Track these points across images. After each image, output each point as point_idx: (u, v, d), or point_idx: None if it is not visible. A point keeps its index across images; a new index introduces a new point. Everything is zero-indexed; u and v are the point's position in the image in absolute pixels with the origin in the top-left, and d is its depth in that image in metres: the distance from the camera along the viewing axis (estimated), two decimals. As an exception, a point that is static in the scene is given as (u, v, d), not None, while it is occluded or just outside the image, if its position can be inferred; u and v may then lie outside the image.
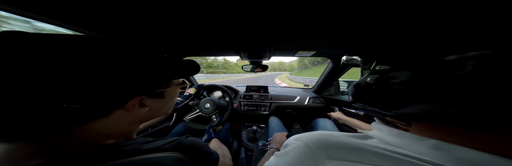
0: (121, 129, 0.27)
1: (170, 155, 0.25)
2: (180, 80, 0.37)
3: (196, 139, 0.32)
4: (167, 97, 0.31)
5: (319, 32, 0.57)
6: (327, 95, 1.37)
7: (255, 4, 0.37)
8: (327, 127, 1.00)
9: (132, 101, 0.24)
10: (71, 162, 0.19)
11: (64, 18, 0.45)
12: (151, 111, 0.29)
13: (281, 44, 0.75)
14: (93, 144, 0.23)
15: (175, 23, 0.50)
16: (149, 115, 0.30)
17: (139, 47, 0.25)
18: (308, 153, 0.22)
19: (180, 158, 0.26)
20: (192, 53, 1.05)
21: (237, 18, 0.45)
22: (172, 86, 0.32)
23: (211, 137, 0.70)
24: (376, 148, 0.19)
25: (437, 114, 0.17)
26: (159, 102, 0.30)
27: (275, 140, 0.72)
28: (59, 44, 0.19)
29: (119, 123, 0.25)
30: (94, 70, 0.19)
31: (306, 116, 1.37)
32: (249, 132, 1.14)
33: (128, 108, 0.24)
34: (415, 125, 0.21)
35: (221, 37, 0.66)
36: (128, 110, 0.25)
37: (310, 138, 0.24)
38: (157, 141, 0.27)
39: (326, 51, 0.89)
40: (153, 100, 0.28)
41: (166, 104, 0.33)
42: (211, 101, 0.96)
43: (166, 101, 0.32)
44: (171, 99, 0.34)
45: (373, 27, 0.48)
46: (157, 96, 0.29)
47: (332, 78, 1.28)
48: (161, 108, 0.32)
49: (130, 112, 0.25)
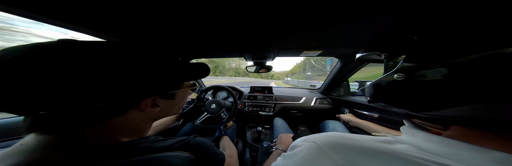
0: (134, 127, 0.29)
1: (180, 155, 0.26)
2: (191, 82, 0.39)
3: (203, 140, 0.33)
4: (177, 98, 0.34)
5: (326, 29, 0.53)
6: (335, 96, 1.31)
7: (257, 2, 0.34)
8: (337, 130, 0.95)
9: (145, 101, 0.26)
10: (96, 157, 0.21)
11: (75, 22, 0.45)
12: (162, 111, 0.31)
13: (285, 43, 0.73)
14: (112, 140, 0.25)
15: (180, 25, 0.50)
16: (160, 114, 0.33)
17: (154, 50, 0.27)
18: (320, 154, 0.20)
19: (189, 157, 0.27)
20: (197, 55, 1.05)
21: (239, 17, 0.43)
22: (183, 88, 0.34)
23: (222, 134, 0.72)
24: (407, 155, 0.16)
25: (492, 119, 0.14)
26: (170, 102, 0.32)
27: (281, 141, 0.69)
28: (91, 50, 0.21)
29: (133, 121, 0.27)
30: (116, 73, 0.22)
31: (312, 118, 1.33)
32: (254, 133, 1.13)
33: (141, 107, 0.26)
34: (456, 131, 0.18)
35: (225, 38, 0.65)
36: (141, 110, 0.26)
37: (321, 139, 0.22)
38: (167, 140, 0.28)
39: (334, 50, 0.84)
40: (164, 101, 0.30)
41: (176, 105, 0.35)
42: (216, 102, 0.97)
43: (177, 102, 0.34)
44: (181, 100, 0.36)
45: (388, 19, 0.43)
46: (169, 97, 0.31)
47: (340, 78, 1.22)
48: (172, 108, 0.34)
49: (142, 111, 0.27)
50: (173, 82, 0.31)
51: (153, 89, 0.27)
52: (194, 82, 0.40)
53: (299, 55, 0.97)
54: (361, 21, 0.43)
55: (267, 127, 1.29)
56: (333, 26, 0.48)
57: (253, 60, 1.06)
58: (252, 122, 1.37)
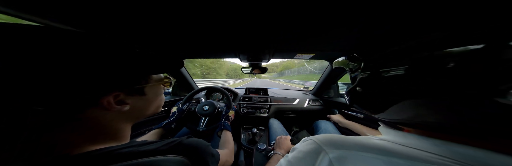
0: (106, 130, 0.25)
1: (171, 159, 0.23)
2: (161, 75, 0.35)
3: (198, 140, 0.31)
4: (149, 94, 0.30)
5: (318, 34, 0.57)
6: (326, 98, 1.37)
7: (254, 5, 0.37)
8: (329, 129, 1.00)
9: (106, 98, 0.22)
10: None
11: (65, 18, 0.45)
12: (136, 110, 0.28)
13: (280, 46, 0.76)
14: (78, 150, 0.21)
15: (175, 25, 0.51)
16: (136, 114, 0.29)
17: (105, 39, 0.23)
18: (314, 147, 0.24)
19: (183, 161, 0.24)
20: (192, 55, 1.05)
21: (236, 19, 0.45)
22: (153, 82, 0.31)
23: (222, 128, 0.72)
24: (382, 143, 0.21)
25: (423, 122, 0.20)
26: (142, 99, 0.29)
27: (280, 145, 0.70)
28: (15, 35, 0.17)
29: (101, 123, 0.24)
30: (46, 64, 0.17)
31: (305, 119, 1.36)
32: (249, 135, 1.13)
33: (104, 105, 0.22)
34: (414, 130, 0.23)
35: (220, 39, 0.67)
36: (105, 108, 0.23)
37: (319, 137, 0.26)
38: (155, 143, 0.25)
39: (325, 53, 0.90)
40: (134, 98, 0.27)
41: (152, 102, 0.32)
42: (207, 103, 0.97)
43: (150, 98, 0.31)
44: (155, 95, 0.32)
45: (369, 29, 0.49)
46: (137, 93, 0.28)
47: (331, 80, 1.29)
48: (147, 106, 0.31)
49: (108, 111, 0.23)
50: (134, 75, 0.27)
51: (108, 84, 0.22)
52: (167, 76, 0.36)
53: (293, 58, 1.02)
54: (349, 25, 0.48)
55: (262, 128, 1.30)
56: (327, 29, 0.52)
57: (248, 61, 1.08)
58: (247, 124, 1.38)
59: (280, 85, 17.78)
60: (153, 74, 0.31)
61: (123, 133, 0.28)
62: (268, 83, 24.17)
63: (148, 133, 0.68)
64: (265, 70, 1.24)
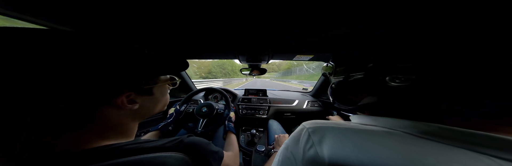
0: (117, 128, 0.27)
1: (173, 155, 0.24)
2: (168, 76, 0.37)
3: (199, 138, 0.32)
4: (157, 94, 0.32)
5: (318, 34, 0.58)
6: (325, 99, 1.38)
7: (254, 7, 0.38)
8: (274, 128, 1.04)
9: (120, 98, 0.24)
10: (68, 163, 0.19)
11: (62, 18, 0.45)
12: (143, 108, 0.30)
13: (279, 47, 0.77)
14: (91, 145, 0.22)
15: (175, 26, 0.51)
16: (143, 112, 0.31)
17: (117, 42, 0.25)
18: (300, 128, 0.29)
19: (184, 159, 0.25)
20: (192, 56, 1.05)
21: (236, 21, 0.46)
22: (160, 83, 0.33)
23: (227, 130, 0.72)
24: (351, 123, 0.29)
25: None
26: (150, 99, 0.31)
27: (280, 143, 0.70)
28: (28, 38, 0.18)
29: (113, 121, 0.26)
30: (69, 66, 0.19)
31: (304, 120, 1.36)
32: (248, 136, 1.12)
33: (118, 104, 0.24)
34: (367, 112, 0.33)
35: (220, 40, 0.67)
36: (119, 108, 0.25)
37: (307, 122, 0.31)
38: (158, 140, 0.27)
39: (323, 55, 0.91)
40: (143, 97, 0.29)
41: (159, 101, 0.34)
42: (206, 104, 0.96)
43: (157, 98, 0.33)
44: (162, 95, 0.35)
45: (369, 29, 0.50)
46: (145, 93, 0.30)
47: (329, 81, 1.29)
48: (154, 105, 0.33)
49: (121, 110, 0.25)
50: (145, 76, 0.29)
51: (122, 84, 0.25)
52: (173, 77, 0.39)
53: (292, 59, 1.03)
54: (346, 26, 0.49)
55: (261, 130, 1.29)
56: (327, 29, 0.52)
57: (247, 62, 1.09)
58: (246, 125, 1.37)
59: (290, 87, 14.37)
60: (161, 75, 0.34)
61: (130, 130, 0.30)
62: (270, 85, 17.54)
63: (145, 135, 0.67)
64: (264, 71, 1.24)
